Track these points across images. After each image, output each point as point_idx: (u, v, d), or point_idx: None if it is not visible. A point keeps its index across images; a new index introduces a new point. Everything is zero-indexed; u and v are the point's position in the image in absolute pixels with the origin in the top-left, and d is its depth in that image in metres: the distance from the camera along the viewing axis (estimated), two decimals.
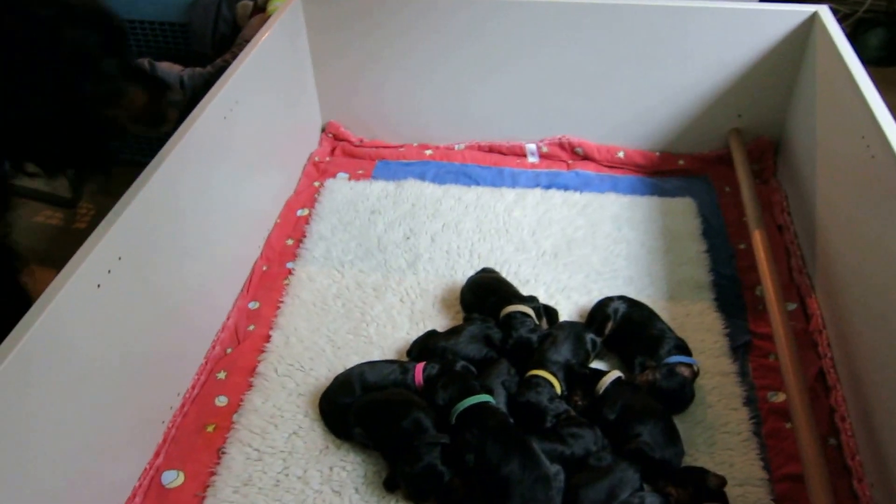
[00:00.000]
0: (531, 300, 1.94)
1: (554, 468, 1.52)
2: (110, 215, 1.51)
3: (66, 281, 1.34)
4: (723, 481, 1.54)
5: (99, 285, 1.43)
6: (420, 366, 1.76)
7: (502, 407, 1.68)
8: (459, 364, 1.73)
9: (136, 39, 3.12)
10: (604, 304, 1.94)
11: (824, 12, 2.25)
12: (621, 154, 2.60)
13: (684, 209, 2.38)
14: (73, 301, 1.36)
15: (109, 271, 1.46)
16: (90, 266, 1.40)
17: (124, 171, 1.67)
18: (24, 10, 1.42)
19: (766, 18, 2.32)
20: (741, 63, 2.39)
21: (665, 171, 2.58)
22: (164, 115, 1.70)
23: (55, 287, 1.33)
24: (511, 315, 1.85)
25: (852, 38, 3.57)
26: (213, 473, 1.67)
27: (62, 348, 1.34)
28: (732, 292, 2.09)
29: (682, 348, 1.82)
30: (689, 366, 1.77)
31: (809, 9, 2.28)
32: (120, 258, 1.49)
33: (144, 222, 1.59)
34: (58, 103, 1.47)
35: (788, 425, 1.72)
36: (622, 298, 1.95)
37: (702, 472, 1.56)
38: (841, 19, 3.74)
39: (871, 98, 1.81)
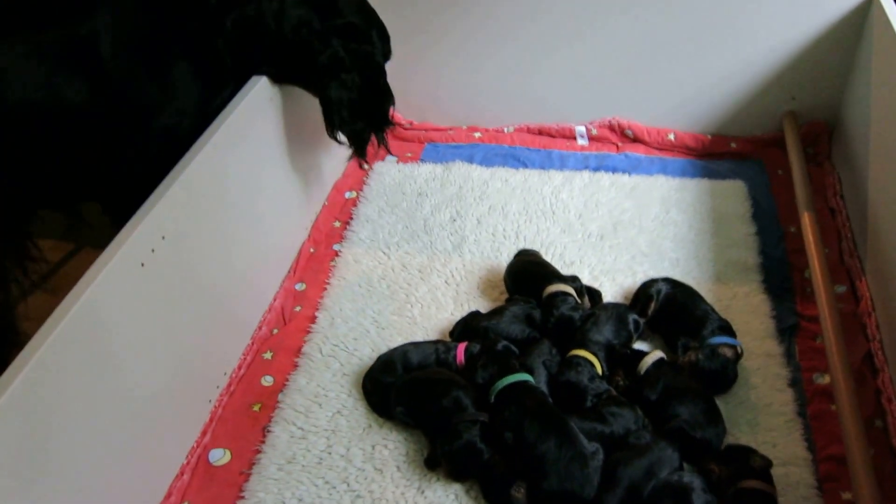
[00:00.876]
0: (573, 280, 1.94)
1: (592, 447, 1.52)
2: (153, 195, 1.54)
3: (110, 260, 1.37)
4: (768, 462, 1.52)
5: (143, 264, 1.46)
6: (462, 345, 1.77)
7: (543, 386, 1.69)
8: (501, 344, 1.73)
9: None
10: (647, 285, 1.93)
11: None
12: (672, 136, 2.57)
13: (734, 192, 2.34)
14: (116, 280, 1.38)
15: (153, 250, 1.49)
16: (133, 245, 1.43)
17: None
18: None
19: (820, 2, 2.27)
20: (796, 44, 2.34)
21: (716, 153, 2.54)
22: None
23: (99, 266, 1.36)
24: (553, 294, 1.85)
25: None
26: (258, 451, 1.71)
27: (106, 327, 1.37)
28: (781, 274, 2.05)
29: (726, 329, 1.80)
30: (733, 347, 1.75)
31: None
32: (164, 237, 1.52)
33: (188, 202, 1.62)
34: None
35: (833, 407, 1.69)
36: (666, 280, 1.94)
37: (746, 451, 1.55)
38: None
39: None
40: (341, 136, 2.06)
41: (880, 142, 2.03)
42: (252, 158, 1.91)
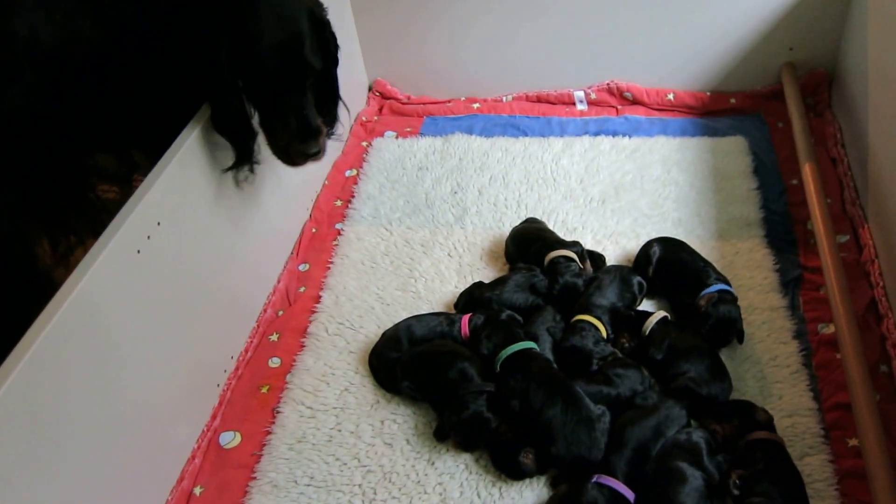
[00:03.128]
0: (574, 245, 1.93)
1: (599, 409, 1.53)
2: (146, 181, 1.52)
3: (104, 248, 1.36)
4: (770, 416, 1.53)
5: (139, 251, 1.45)
6: (466, 317, 1.78)
7: (548, 353, 1.69)
8: (505, 313, 1.74)
9: None
10: (645, 247, 1.93)
11: None
12: (671, 96, 2.55)
13: (735, 148, 2.33)
14: (111, 268, 1.37)
15: (149, 237, 1.48)
16: (128, 232, 1.42)
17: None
18: None
19: None
20: None
21: (717, 110, 2.52)
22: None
23: (93, 255, 1.35)
24: (555, 261, 1.85)
25: None
26: (268, 433, 1.73)
27: (103, 316, 1.37)
28: (783, 228, 2.05)
29: (722, 280, 1.81)
30: (729, 292, 1.76)
31: None
32: (159, 223, 1.51)
33: (183, 186, 1.61)
34: None
35: (838, 355, 1.69)
36: (661, 240, 1.94)
37: (748, 406, 1.55)
38: None
39: None
40: None
41: (879, 87, 2.00)
42: None
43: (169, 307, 1.57)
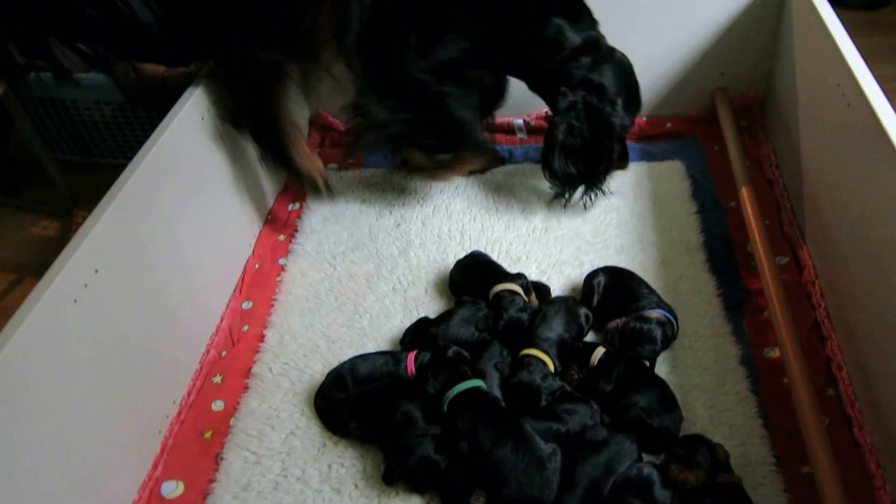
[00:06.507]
0: (518, 277, 1.93)
1: (549, 447, 1.51)
2: (83, 227, 1.48)
3: (38, 299, 1.32)
4: (727, 453, 1.53)
5: (76, 300, 1.41)
6: (412, 355, 1.75)
7: (496, 390, 1.67)
8: (451, 350, 1.71)
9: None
10: (589, 277, 1.93)
11: None
12: None
13: (672, 172, 2.35)
14: (46, 320, 1.33)
15: (86, 285, 1.44)
16: (63, 282, 1.38)
17: (113, 175, 1.65)
18: None
19: None
20: (721, 21, 2.36)
21: (654, 135, 2.55)
22: None
23: (28, 306, 1.31)
24: (500, 294, 1.84)
25: None
26: (212, 481, 1.67)
27: (38, 369, 1.32)
28: (724, 251, 2.07)
29: (665, 308, 1.82)
30: (659, 314, 1.77)
31: None
32: (97, 271, 1.47)
33: (121, 231, 1.57)
34: None
35: (785, 380, 1.71)
36: (605, 269, 1.94)
37: (707, 444, 1.52)
38: None
39: (845, 46, 1.78)
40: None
41: (807, 110, 2.05)
42: (187, 180, 1.87)
43: (108, 355, 1.52)
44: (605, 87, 2.04)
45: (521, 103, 2.58)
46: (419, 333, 1.84)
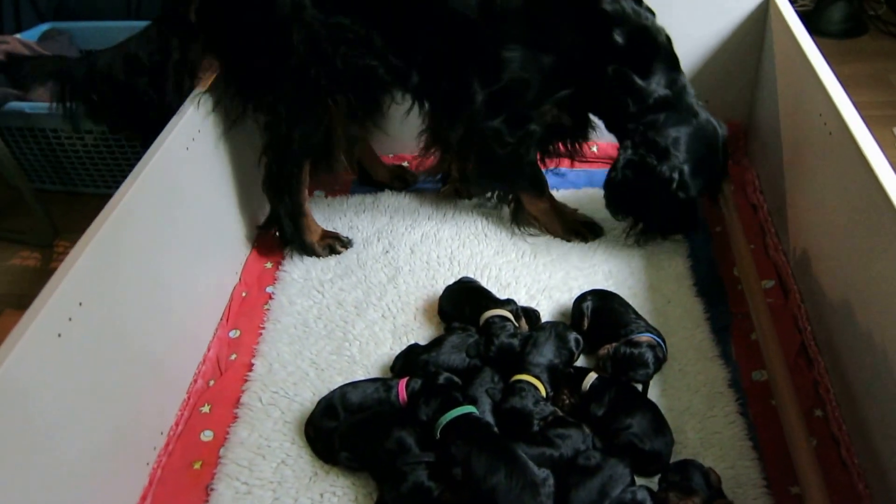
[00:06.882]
0: (508, 303, 1.93)
1: (543, 473, 1.51)
2: (67, 260, 1.46)
3: (22, 335, 1.30)
4: (719, 478, 1.53)
5: (60, 335, 1.39)
6: (403, 381, 1.74)
7: (488, 416, 1.67)
8: (443, 376, 1.71)
9: None
10: (578, 301, 1.94)
11: None
12: (595, 148, 2.59)
13: None
14: (30, 355, 1.31)
15: (70, 319, 1.42)
16: (47, 316, 1.36)
17: (95, 204, 1.64)
18: None
19: (722, 4, 2.34)
20: (703, 50, 2.40)
21: None
22: None
23: (11, 341, 1.28)
24: (490, 321, 1.84)
25: (816, 12, 3.61)
26: None
27: (23, 406, 1.30)
28: (711, 275, 2.09)
29: (654, 332, 1.83)
30: (649, 337, 1.78)
31: None
32: (81, 304, 1.45)
33: (105, 263, 1.55)
34: None
35: (773, 402, 1.73)
36: (593, 293, 1.95)
37: (699, 470, 1.52)
38: None
39: (826, 77, 1.82)
40: None
41: (790, 138, 2.08)
42: (173, 209, 1.86)
43: (93, 388, 1.50)
44: (669, 151, 1.95)
45: None
46: (410, 360, 1.83)
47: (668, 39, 1.97)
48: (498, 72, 1.93)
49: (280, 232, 2.32)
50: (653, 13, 1.96)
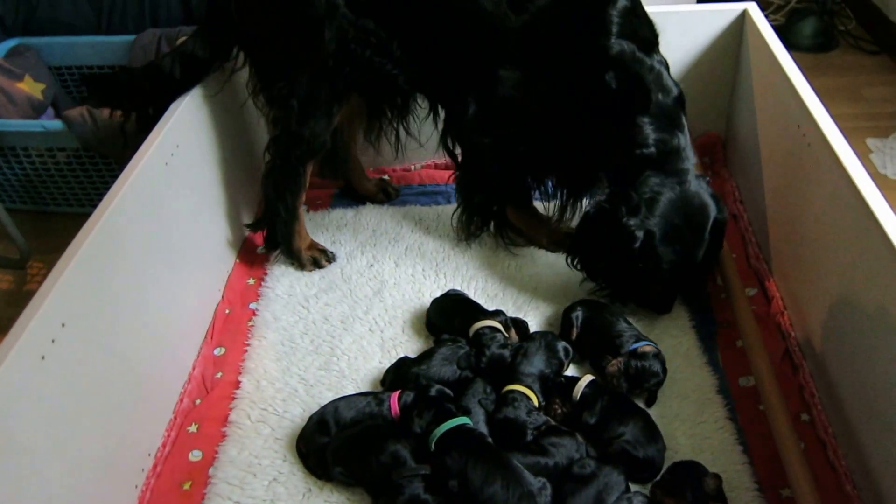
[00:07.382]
0: (497, 314, 1.93)
1: (539, 482, 1.51)
2: (48, 281, 1.43)
3: (5, 357, 1.27)
4: (719, 481, 1.54)
5: (43, 357, 1.36)
6: (395, 395, 1.74)
7: (481, 426, 1.67)
8: (434, 389, 1.71)
9: (76, 86, 3.10)
10: (567, 311, 1.95)
11: (753, 9, 2.31)
12: None
13: None
14: (13, 378, 1.28)
15: (53, 341, 1.39)
16: (29, 339, 1.33)
17: (68, 224, 1.60)
18: None
19: (699, 19, 2.38)
20: (681, 64, 2.43)
21: None
22: None
23: None
24: (480, 332, 1.84)
25: (788, 27, 3.68)
26: None
27: (7, 426, 1.27)
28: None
29: (642, 339, 1.85)
30: (651, 346, 1.80)
31: (739, 7, 2.34)
32: (64, 325, 1.42)
33: (88, 282, 1.52)
34: None
35: (761, 407, 1.76)
36: (582, 303, 1.96)
37: (697, 470, 1.54)
38: (776, 10, 3.83)
39: (803, 90, 1.86)
40: None
41: (769, 149, 2.12)
42: (153, 226, 1.84)
43: (78, 411, 1.47)
44: (640, 207, 1.81)
45: None
46: (400, 373, 1.82)
47: (676, 98, 1.87)
48: (493, 88, 1.95)
49: (271, 232, 2.28)
50: (666, 66, 1.89)
